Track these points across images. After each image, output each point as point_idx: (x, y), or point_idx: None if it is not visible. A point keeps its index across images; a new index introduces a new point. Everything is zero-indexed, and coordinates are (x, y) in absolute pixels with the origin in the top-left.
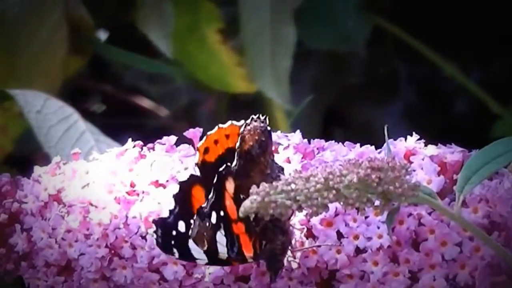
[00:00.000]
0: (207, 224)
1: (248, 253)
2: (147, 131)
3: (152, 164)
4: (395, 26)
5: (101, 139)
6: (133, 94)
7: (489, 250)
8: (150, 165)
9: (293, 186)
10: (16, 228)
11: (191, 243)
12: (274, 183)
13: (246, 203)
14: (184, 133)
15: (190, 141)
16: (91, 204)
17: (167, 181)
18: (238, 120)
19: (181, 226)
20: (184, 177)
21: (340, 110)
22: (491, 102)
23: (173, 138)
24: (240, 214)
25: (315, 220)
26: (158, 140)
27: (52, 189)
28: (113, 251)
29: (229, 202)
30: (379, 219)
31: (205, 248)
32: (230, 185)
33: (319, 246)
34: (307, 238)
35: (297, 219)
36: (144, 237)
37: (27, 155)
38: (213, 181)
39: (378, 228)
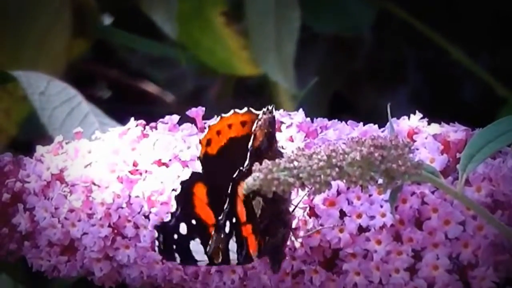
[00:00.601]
0: (222, 235)
1: (254, 251)
2: (153, 117)
3: (155, 143)
4: (402, 10)
5: (105, 121)
6: (139, 80)
7: (493, 228)
8: (152, 144)
9: (296, 163)
10: (19, 208)
11: (192, 245)
12: (277, 160)
13: (249, 180)
14: (187, 112)
15: (193, 121)
16: (94, 184)
17: (170, 160)
18: (244, 105)
19: (183, 228)
20: (185, 176)
21: (347, 95)
22: (498, 86)
23: (175, 117)
24: (243, 192)
25: (317, 201)
26: (161, 119)
27: (54, 169)
28: (116, 231)
29: (240, 207)
30: (382, 198)
31: (220, 260)
32: (241, 190)
33: (321, 227)
34: (310, 217)
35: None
36: (147, 217)
37: (31, 139)
38: (220, 181)
39: (381, 206)
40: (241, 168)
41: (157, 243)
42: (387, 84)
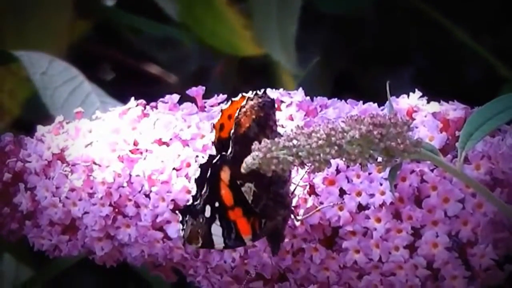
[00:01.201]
0: (201, 220)
1: (247, 235)
2: (157, 98)
3: (155, 123)
4: None
5: (107, 100)
6: (142, 61)
7: (492, 206)
8: (153, 123)
9: (295, 142)
10: (20, 187)
11: (213, 228)
12: (276, 139)
13: (248, 159)
14: (187, 91)
15: (193, 100)
16: (95, 163)
17: (170, 139)
18: (247, 86)
19: (208, 211)
20: (203, 160)
21: (351, 76)
22: (501, 67)
23: (175, 97)
24: (242, 170)
25: (317, 180)
26: (161, 99)
27: (55, 148)
28: (117, 210)
29: (224, 191)
30: (382, 176)
31: (199, 244)
32: (225, 174)
33: (321, 204)
34: (309, 195)
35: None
36: (147, 195)
37: (34, 119)
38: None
39: (381, 184)
40: (224, 153)
41: (181, 226)
42: (390, 64)
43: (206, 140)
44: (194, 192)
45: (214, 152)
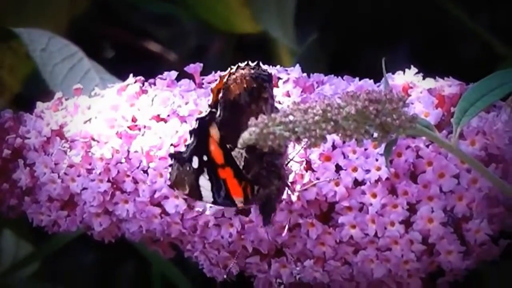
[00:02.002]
0: (188, 168)
1: (238, 197)
2: (156, 76)
3: (153, 99)
4: None
5: (106, 77)
6: (141, 39)
7: (487, 182)
8: (151, 100)
9: (291, 117)
10: (19, 163)
11: (201, 180)
12: (272, 115)
13: (245, 135)
14: (185, 68)
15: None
16: (93, 139)
17: (168, 115)
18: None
19: (195, 161)
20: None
21: (347, 54)
22: (497, 45)
23: (173, 73)
24: (239, 146)
25: (313, 156)
26: (159, 76)
27: (54, 125)
28: (115, 186)
29: (214, 148)
30: (378, 152)
31: (186, 192)
32: (214, 131)
33: (318, 180)
34: (306, 171)
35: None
36: (145, 171)
37: (34, 96)
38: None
39: (377, 160)
40: (213, 110)
41: (169, 170)
42: (387, 42)
43: None
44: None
45: None
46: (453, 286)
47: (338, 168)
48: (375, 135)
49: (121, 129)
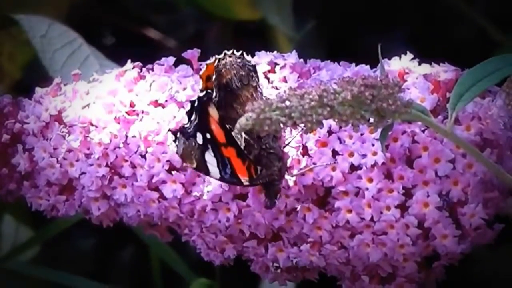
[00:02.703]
0: (193, 143)
1: (243, 176)
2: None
3: (151, 85)
4: None
5: (105, 63)
6: (140, 25)
7: (482, 166)
8: (149, 85)
9: (287, 103)
10: (18, 148)
11: (207, 156)
12: (269, 100)
13: (242, 120)
14: (183, 54)
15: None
16: (92, 124)
17: (166, 101)
18: (244, 50)
19: (199, 137)
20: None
21: (345, 40)
22: (493, 30)
23: (171, 59)
24: (236, 131)
25: (310, 143)
26: (157, 61)
27: (53, 110)
28: (113, 170)
29: (215, 127)
30: (374, 137)
31: (194, 165)
32: (213, 111)
33: (314, 165)
34: (303, 156)
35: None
36: (143, 156)
37: (34, 82)
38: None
39: (373, 145)
40: (209, 91)
41: (175, 143)
42: (384, 28)
43: None
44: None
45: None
46: (448, 270)
47: (335, 153)
48: (371, 120)
49: (119, 114)
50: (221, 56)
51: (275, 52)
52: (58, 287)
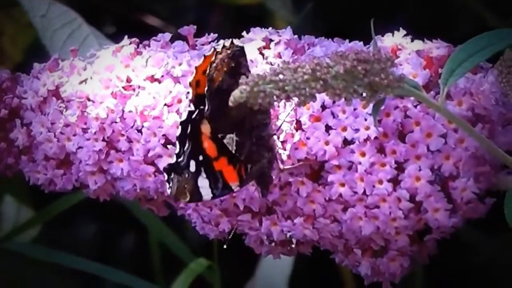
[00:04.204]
0: (186, 175)
1: (234, 182)
2: None
3: (148, 60)
4: None
5: (105, 42)
6: (143, 14)
7: (473, 141)
8: (145, 61)
9: (281, 76)
10: (16, 123)
11: (200, 181)
12: (262, 73)
13: (236, 93)
14: (179, 30)
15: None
16: (89, 99)
17: (162, 76)
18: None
19: (192, 165)
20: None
21: (343, 24)
22: (490, 17)
23: (167, 35)
24: (230, 104)
25: (304, 118)
26: (154, 37)
27: (51, 85)
28: (110, 145)
29: (207, 143)
30: (367, 112)
31: (188, 199)
32: (206, 127)
33: (308, 140)
34: (296, 131)
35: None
36: (139, 131)
37: None
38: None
39: (366, 120)
40: (201, 107)
41: (168, 184)
42: (383, 13)
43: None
44: (177, 150)
45: (192, 108)
46: (439, 243)
47: (328, 128)
48: (364, 94)
49: (116, 89)
50: (213, 58)
51: (270, 28)
52: (59, 270)
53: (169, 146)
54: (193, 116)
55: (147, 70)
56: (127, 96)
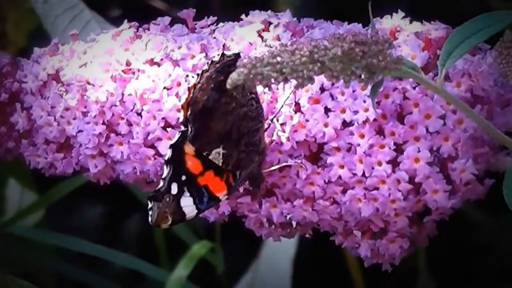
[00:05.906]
0: (168, 199)
1: (221, 192)
2: None
3: (147, 44)
4: None
5: (107, 27)
6: None
7: (472, 122)
8: (145, 44)
9: (278, 59)
10: (16, 107)
11: (183, 201)
12: (260, 55)
13: (233, 75)
14: (178, 14)
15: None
16: (89, 83)
17: (162, 59)
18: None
19: (174, 188)
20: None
21: (346, 8)
22: (496, 2)
23: (167, 19)
24: (227, 86)
25: (303, 101)
26: (153, 21)
27: (51, 69)
28: (109, 128)
29: (191, 162)
30: (366, 93)
31: (169, 222)
32: (189, 148)
33: (307, 122)
34: (295, 113)
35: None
36: (139, 114)
37: None
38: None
39: (364, 102)
40: (184, 130)
41: (150, 212)
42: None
43: (196, 60)
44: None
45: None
46: (444, 224)
47: (327, 110)
48: (362, 76)
49: (115, 72)
50: (198, 78)
51: (269, 11)
52: (64, 253)
53: (168, 129)
54: (174, 141)
55: (147, 53)
56: (127, 79)
